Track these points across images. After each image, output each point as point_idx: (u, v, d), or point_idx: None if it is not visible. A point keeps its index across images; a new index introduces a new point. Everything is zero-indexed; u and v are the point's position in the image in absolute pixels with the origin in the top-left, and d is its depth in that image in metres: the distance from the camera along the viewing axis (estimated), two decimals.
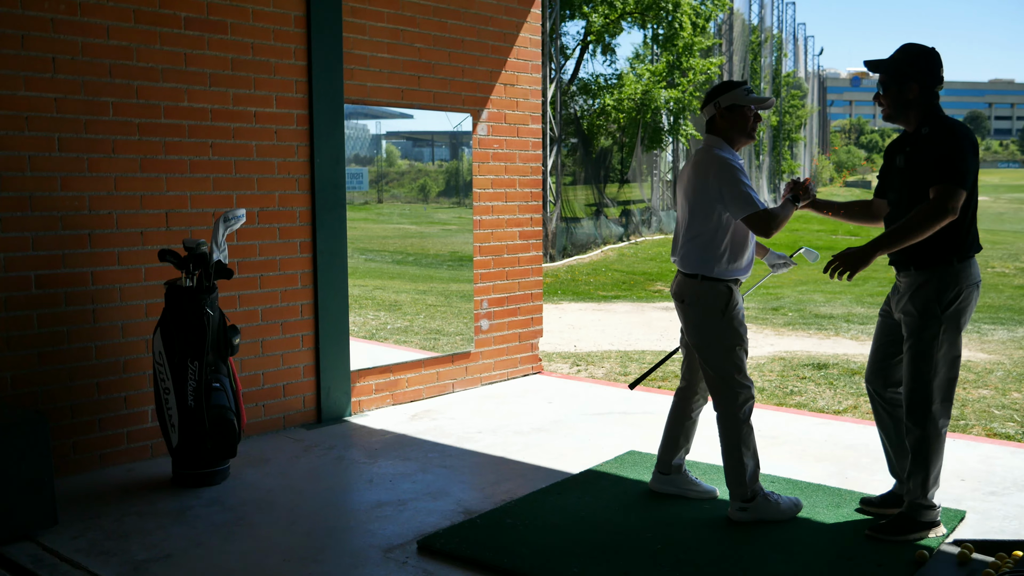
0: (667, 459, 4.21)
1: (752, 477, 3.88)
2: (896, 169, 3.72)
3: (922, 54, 3.59)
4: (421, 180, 7.96)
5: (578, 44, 27.06)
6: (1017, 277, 17.44)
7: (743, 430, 3.89)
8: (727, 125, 3.90)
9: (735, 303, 3.89)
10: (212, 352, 4.44)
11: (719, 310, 3.86)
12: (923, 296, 3.55)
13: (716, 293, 3.86)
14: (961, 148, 3.47)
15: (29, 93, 4.36)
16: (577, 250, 21.44)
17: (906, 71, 3.57)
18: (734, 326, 3.89)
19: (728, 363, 3.89)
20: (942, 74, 3.62)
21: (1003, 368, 8.00)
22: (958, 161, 3.45)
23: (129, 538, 3.81)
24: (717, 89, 3.96)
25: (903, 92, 3.59)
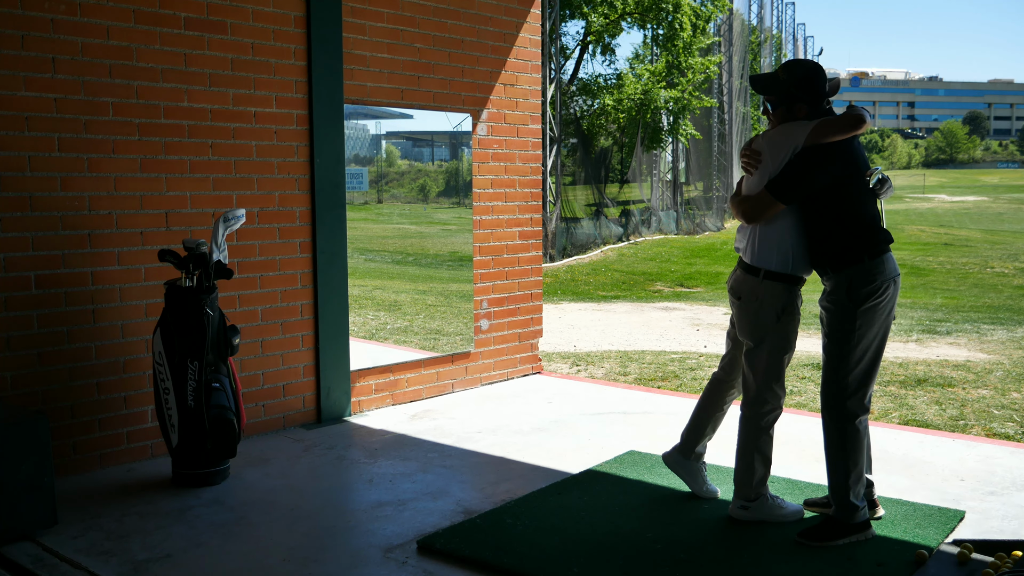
0: (691, 444, 4.14)
1: (760, 481, 3.86)
2: None
3: (807, 76, 3.67)
4: (421, 180, 7.97)
5: (578, 44, 27.09)
6: (1017, 277, 17.45)
7: (762, 437, 3.84)
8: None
9: (795, 309, 3.80)
10: (212, 352, 4.44)
11: (776, 312, 3.75)
12: (839, 293, 3.64)
13: (775, 292, 3.73)
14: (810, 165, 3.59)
15: (29, 93, 4.36)
16: (577, 250, 21.45)
17: (794, 93, 3.66)
18: (787, 331, 3.80)
19: (769, 368, 3.79)
20: (826, 89, 3.70)
21: (1003, 368, 8.01)
22: (794, 178, 3.60)
23: (129, 538, 3.81)
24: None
25: (792, 112, 3.68)
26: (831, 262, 3.67)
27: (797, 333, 3.87)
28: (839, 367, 3.65)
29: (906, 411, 6.33)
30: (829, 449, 3.69)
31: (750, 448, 3.84)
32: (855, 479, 3.66)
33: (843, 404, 3.65)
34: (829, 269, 3.68)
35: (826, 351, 3.71)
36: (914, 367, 8.03)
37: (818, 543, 3.63)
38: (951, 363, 8.26)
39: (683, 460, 4.17)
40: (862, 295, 3.60)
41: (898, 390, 7.04)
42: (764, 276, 3.73)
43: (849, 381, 3.64)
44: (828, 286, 3.73)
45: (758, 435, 3.83)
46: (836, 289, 3.66)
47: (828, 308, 3.70)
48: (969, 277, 18.20)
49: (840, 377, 3.65)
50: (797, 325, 3.85)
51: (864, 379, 3.66)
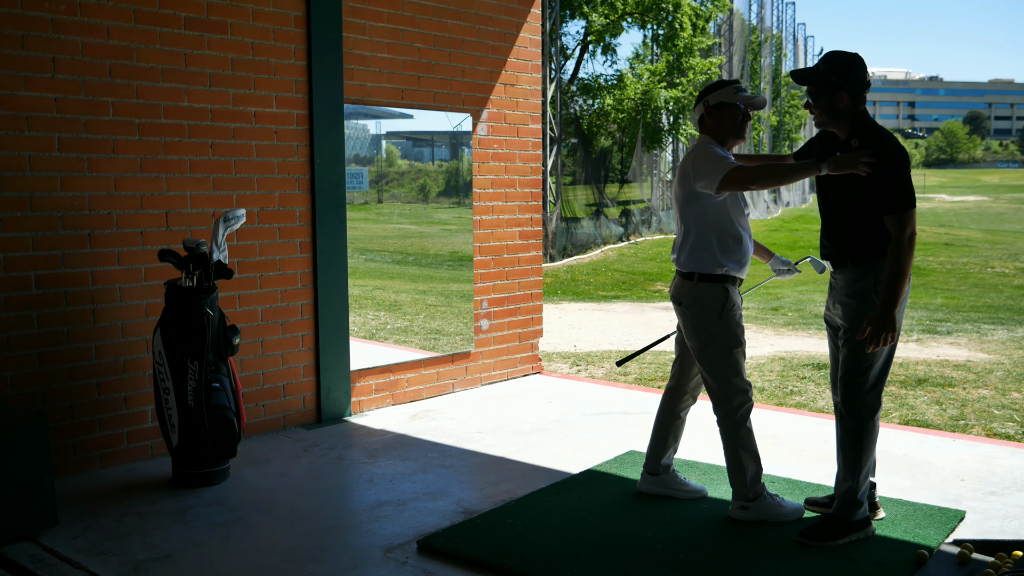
0: (656, 459, 4.20)
1: (754, 479, 3.87)
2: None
3: (849, 63, 3.64)
4: (421, 180, 7.96)
5: (578, 44, 27.08)
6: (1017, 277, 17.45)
7: (741, 432, 3.88)
8: (716, 124, 3.90)
9: (732, 303, 3.87)
10: (212, 352, 4.44)
11: (715, 311, 3.84)
12: (861, 288, 3.64)
13: (712, 293, 3.84)
14: (906, 170, 3.57)
15: (29, 93, 4.36)
16: (577, 250, 21.45)
17: (835, 82, 3.62)
18: (731, 327, 3.87)
19: (725, 366, 3.87)
20: (868, 79, 3.68)
21: (1003, 368, 8.01)
22: (908, 184, 3.54)
23: (129, 538, 3.81)
24: (707, 88, 3.96)
25: (833, 102, 3.64)
26: (854, 255, 3.65)
27: (743, 329, 3.93)
28: (862, 361, 3.64)
29: (906, 411, 6.33)
30: (846, 444, 3.69)
31: (734, 447, 3.88)
32: (865, 475, 3.68)
33: (864, 398, 3.66)
34: (850, 262, 3.66)
35: (847, 346, 3.68)
36: (914, 367, 8.03)
37: (819, 543, 3.63)
38: (951, 363, 8.26)
39: (654, 478, 4.20)
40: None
41: (898, 390, 7.04)
42: (699, 279, 3.85)
43: (870, 375, 3.65)
44: (846, 279, 3.69)
45: (736, 432, 3.87)
46: (857, 281, 3.64)
47: (847, 302, 3.67)
48: (969, 277, 18.19)
49: (863, 371, 3.65)
50: (739, 322, 3.90)
51: (883, 373, 3.68)
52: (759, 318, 11.54)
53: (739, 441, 3.87)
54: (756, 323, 11.08)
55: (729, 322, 3.85)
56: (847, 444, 3.69)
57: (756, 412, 5.91)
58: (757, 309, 12.51)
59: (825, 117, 3.67)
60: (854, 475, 3.67)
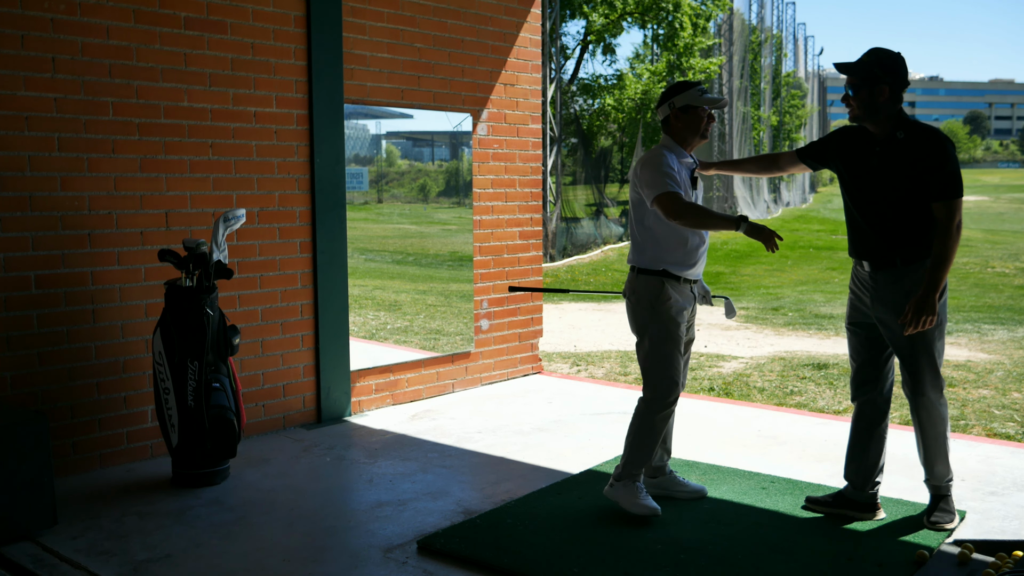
0: (655, 466, 4.23)
1: (633, 464, 3.95)
2: (871, 170, 3.73)
3: (892, 57, 3.65)
4: (421, 180, 7.96)
5: (578, 44, 27.07)
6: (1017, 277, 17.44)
7: (654, 421, 3.94)
8: (681, 126, 3.93)
9: (668, 298, 3.89)
10: (212, 352, 4.44)
11: (649, 302, 3.90)
12: (912, 285, 3.64)
13: (648, 285, 3.90)
14: (955, 159, 3.61)
15: (29, 93, 4.36)
16: (577, 250, 21.44)
17: (877, 74, 3.62)
18: (663, 321, 3.90)
19: (654, 358, 3.92)
20: (908, 78, 3.69)
21: (1003, 368, 8.00)
22: (958, 174, 3.58)
23: (129, 538, 3.81)
24: (671, 89, 3.98)
25: (874, 95, 3.63)
26: (904, 253, 3.66)
27: (681, 328, 3.94)
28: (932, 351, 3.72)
29: (906, 411, 6.32)
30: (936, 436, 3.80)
31: (639, 430, 3.96)
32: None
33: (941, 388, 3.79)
34: (900, 260, 3.67)
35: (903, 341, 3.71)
36: None
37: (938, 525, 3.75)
38: (952, 363, 8.26)
39: (653, 480, 4.23)
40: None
41: (898, 390, 7.02)
42: (638, 272, 3.94)
43: (937, 360, 3.76)
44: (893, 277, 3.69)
45: (651, 419, 3.94)
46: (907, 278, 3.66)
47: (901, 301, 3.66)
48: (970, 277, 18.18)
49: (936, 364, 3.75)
50: (677, 320, 3.91)
51: (942, 352, 3.79)
52: (759, 318, 11.54)
53: (647, 428, 3.94)
54: (756, 323, 11.08)
55: (662, 316, 3.89)
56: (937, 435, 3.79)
57: (756, 412, 5.93)
58: (757, 309, 12.52)
59: (863, 111, 3.66)
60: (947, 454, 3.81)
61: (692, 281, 3.97)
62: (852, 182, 3.81)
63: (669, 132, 3.99)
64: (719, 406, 6.15)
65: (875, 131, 3.70)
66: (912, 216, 3.65)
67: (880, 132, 3.69)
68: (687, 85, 3.96)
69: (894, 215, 3.67)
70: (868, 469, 3.93)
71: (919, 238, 3.65)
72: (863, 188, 3.76)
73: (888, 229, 3.69)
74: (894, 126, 3.66)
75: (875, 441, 3.94)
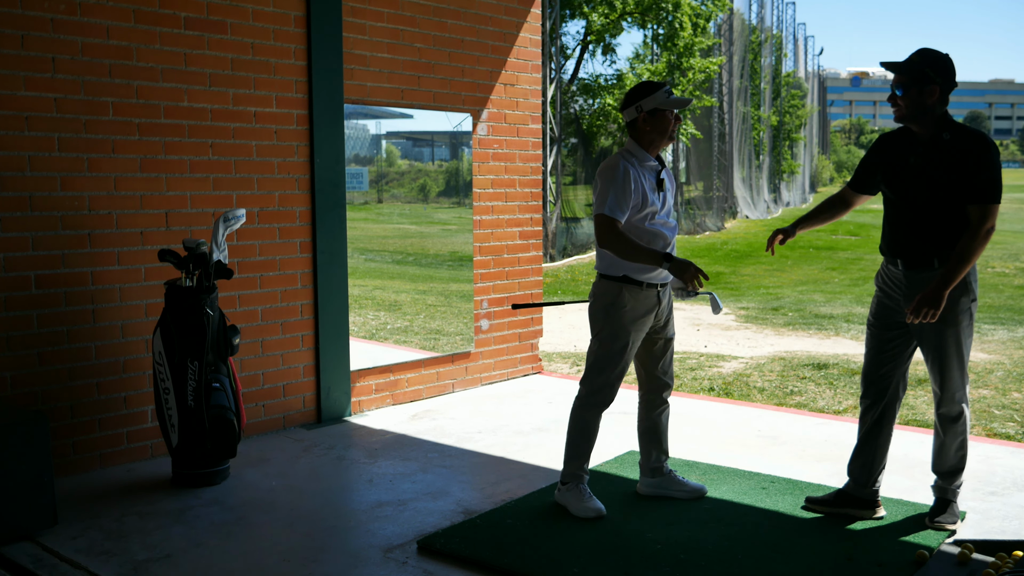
0: (646, 463, 4.25)
1: (572, 463, 4.02)
2: (909, 167, 3.71)
3: (943, 59, 3.63)
4: (421, 180, 7.97)
5: (578, 44, 27.06)
6: (1017, 277, 17.44)
7: (586, 418, 4.02)
8: (649, 129, 3.91)
9: (623, 304, 3.89)
10: (212, 352, 4.44)
11: (604, 307, 3.92)
12: (955, 289, 3.62)
13: (606, 290, 3.92)
14: (998, 165, 3.61)
15: (29, 93, 4.36)
16: (577, 250, 21.43)
17: (928, 75, 3.59)
18: (614, 327, 3.91)
19: (597, 358, 3.97)
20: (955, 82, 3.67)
21: (1003, 368, 8.00)
22: (998, 179, 3.59)
23: (129, 538, 3.81)
24: (637, 92, 3.93)
25: (923, 95, 3.61)
26: (943, 253, 3.64)
27: (634, 336, 3.94)
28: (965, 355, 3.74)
29: (906, 411, 6.32)
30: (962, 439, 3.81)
31: (573, 427, 4.04)
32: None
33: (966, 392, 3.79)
34: (937, 261, 3.66)
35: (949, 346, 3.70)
36: (914, 367, 8.01)
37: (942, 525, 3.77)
38: None
39: (652, 480, 4.24)
40: (973, 288, 3.71)
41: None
42: (599, 276, 3.99)
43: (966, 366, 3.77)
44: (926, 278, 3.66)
45: (581, 416, 4.02)
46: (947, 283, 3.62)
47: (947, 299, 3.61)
48: None
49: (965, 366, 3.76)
50: (629, 328, 3.91)
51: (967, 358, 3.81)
52: (759, 318, 11.54)
53: (577, 424, 4.02)
54: (756, 323, 11.08)
55: (615, 321, 3.91)
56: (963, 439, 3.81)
57: (756, 412, 5.93)
58: (757, 309, 12.51)
59: (911, 111, 3.64)
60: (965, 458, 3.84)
61: (657, 285, 3.94)
62: (893, 182, 3.78)
63: (635, 135, 3.94)
64: (719, 406, 6.15)
65: (920, 131, 3.68)
66: (950, 218, 3.62)
67: (925, 133, 3.67)
68: (653, 87, 3.90)
69: (933, 215, 3.65)
70: (873, 466, 3.94)
71: (956, 240, 3.62)
72: (903, 186, 3.74)
73: (926, 229, 3.67)
74: (940, 127, 3.64)
75: (883, 439, 3.95)
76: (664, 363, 4.15)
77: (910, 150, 3.70)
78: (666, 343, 4.12)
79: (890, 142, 3.83)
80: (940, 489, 3.88)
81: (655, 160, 3.97)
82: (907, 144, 3.73)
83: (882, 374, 3.91)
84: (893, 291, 3.82)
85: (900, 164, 3.75)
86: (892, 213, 3.81)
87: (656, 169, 3.96)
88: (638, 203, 3.85)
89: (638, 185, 3.85)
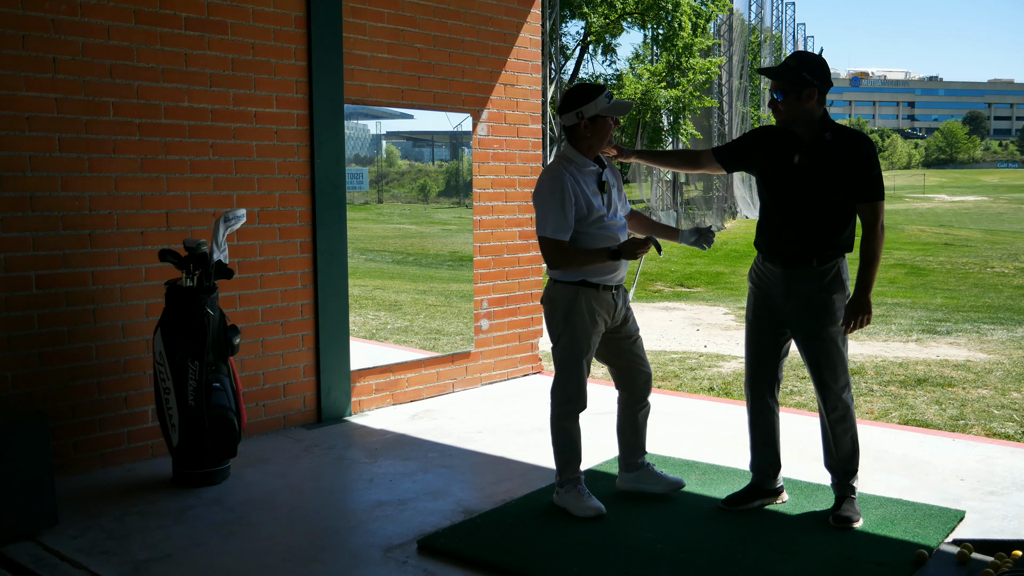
0: (627, 459, 4.27)
1: (563, 469, 4.04)
2: (793, 168, 3.76)
3: (818, 61, 3.74)
4: (421, 180, 7.98)
5: (578, 44, 27.07)
6: (1017, 277, 17.45)
7: (562, 426, 4.03)
8: (589, 135, 3.86)
9: (581, 308, 3.88)
10: (212, 352, 4.44)
11: (563, 312, 3.90)
12: (829, 284, 3.75)
13: (563, 294, 3.89)
14: (878, 163, 3.72)
15: (29, 93, 4.36)
16: None
17: (806, 78, 3.67)
18: (574, 332, 3.90)
19: (562, 365, 3.98)
20: (832, 80, 3.79)
21: (1003, 368, 8.01)
22: (881, 177, 3.70)
23: (130, 538, 3.81)
24: (577, 97, 3.87)
25: (802, 99, 3.68)
26: (821, 253, 3.75)
27: (594, 338, 3.95)
28: (844, 352, 3.81)
29: (906, 411, 6.33)
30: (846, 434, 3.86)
31: (554, 434, 4.05)
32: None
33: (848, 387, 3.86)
34: (816, 260, 3.75)
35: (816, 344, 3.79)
36: (914, 367, 8.03)
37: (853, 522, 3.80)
38: (951, 363, 8.26)
39: (630, 475, 4.26)
40: (848, 286, 3.81)
41: (898, 390, 7.04)
42: (553, 281, 3.95)
43: (846, 365, 3.85)
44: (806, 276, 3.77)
45: (556, 423, 4.04)
46: (823, 278, 3.75)
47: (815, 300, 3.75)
48: (969, 277, 18.20)
49: (843, 364, 3.83)
50: (589, 330, 3.92)
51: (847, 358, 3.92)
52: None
53: (558, 433, 4.04)
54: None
55: (574, 326, 3.89)
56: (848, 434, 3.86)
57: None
58: None
59: (792, 114, 3.72)
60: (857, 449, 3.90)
61: (613, 287, 3.94)
62: (775, 182, 3.85)
63: (574, 141, 3.89)
64: (719, 406, 6.15)
65: (802, 133, 3.75)
66: (829, 217, 3.73)
67: (807, 134, 3.74)
68: (593, 92, 3.83)
69: (813, 215, 3.74)
70: (775, 458, 4.07)
71: (834, 239, 3.75)
72: (786, 186, 3.81)
73: (806, 229, 3.76)
74: (821, 128, 3.72)
75: (776, 431, 4.06)
76: (634, 358, 4.12)
77: (794, 150, 3.77)
78: (632, 340, 4.10)
79: (773, 138, 3.88)
80: (839, 487, 3.92)
81: (594, 164, 3.91)
82: (790, 144, 3.79)
83: (763, 370, 3.99)
84: (770, 287, 3.89)
85: (783, 164, 3.80)
86: (772, 212, 3.88)
87: (596, 172, 3.90)
88: (583, 213, 3.82)
89: (578, 195, 3.81)
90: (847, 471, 3.90)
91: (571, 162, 3.88)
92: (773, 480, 4.07)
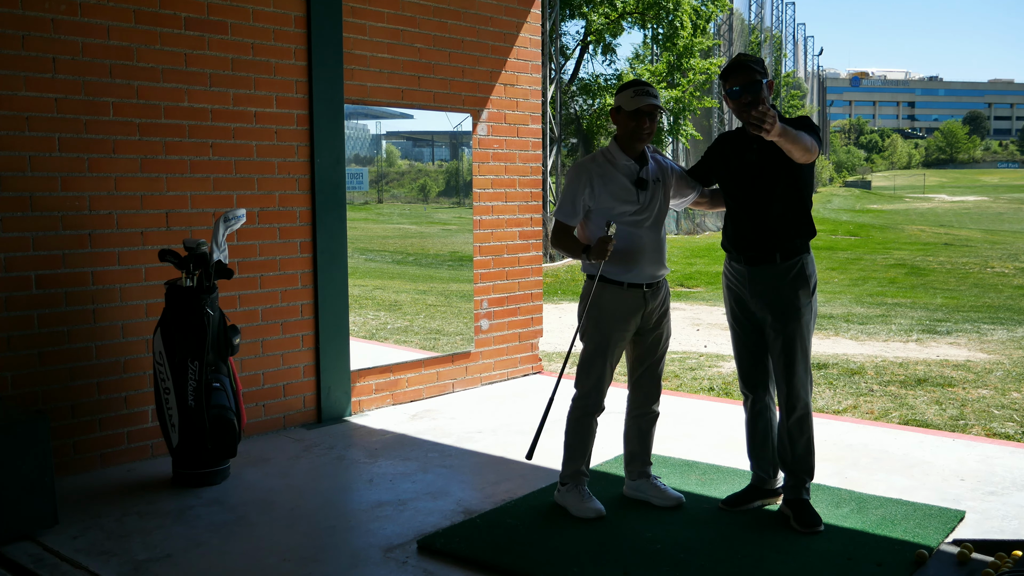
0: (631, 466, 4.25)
1: (569, 464, 4.05)
2: (748, 165, 3.81)
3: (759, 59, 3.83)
4: (421, 180, 7.97)
5: (578, 44, 27.06)
6: (1017, 277, 17.45)
7: (575, 421, 4.05)
8: (619, 127, 3.92)
9: (602, 304, 3.90)
10: (212, 352, 4.44)
11: (586, 305, 3.94)
12: (795, 278, 3.78)
13: (587, 289, 3.94)
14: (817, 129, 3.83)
15: (30, 93, 4.36)
16: None
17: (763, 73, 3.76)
18: (597, 327, 3.93)
19: (584, 359, 4.00)
20: None
21: (1003, 368, 8.01)
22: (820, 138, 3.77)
23: (129, 538, 3.81)
24: (619, 89, 3.96)
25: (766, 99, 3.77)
26: (785, 248, 3.78)
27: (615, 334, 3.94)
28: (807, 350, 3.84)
29: (906, 411, 6.33)
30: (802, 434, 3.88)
31: (567, 429, 4.08)
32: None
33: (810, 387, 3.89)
34: (780, 256, 3.78)
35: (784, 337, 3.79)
36: (914, 367, 8.03)
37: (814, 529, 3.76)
38: (951, 363, 8.26)
39: (633, 483, 4.24)
40: (813, 282, 3.84)
41: (898, 390, 7.04)
42: (587, 277, 3.99)
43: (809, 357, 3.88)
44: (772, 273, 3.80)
45: (571, 418, 4.06)
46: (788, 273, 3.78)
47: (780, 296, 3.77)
48: (969, 277, 18.20)
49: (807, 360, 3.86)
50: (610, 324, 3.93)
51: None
52: None
53: (576, 428, 4.05)
54: None
55: (594, 321, 3.93)
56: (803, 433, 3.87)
57: None
58: None
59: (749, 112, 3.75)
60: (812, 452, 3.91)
61: (643, 285, 3.91)
62: (733, 180, 3.91)
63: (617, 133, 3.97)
64: (719, 406, 6.15)
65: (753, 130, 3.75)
66: (788, 211, 3.77)
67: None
68: (625, 85, 3.89)
69: (772, 209, 3.78)
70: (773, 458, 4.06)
71: (794, 235, 3.78)
72: (743, 183, 3.85)
73: (767, 224, 3.79)
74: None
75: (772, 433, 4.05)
76: (652, 366, 4.09)
77: (747, 148, 3.82)
78: (656, 344, 4.05)
79: (729, 141, 3.96)
80: (793, 489, 3.91)
81: (631, 160, 3.90)
82: (744, 143, 3.84)
83: (755, 371, 4.00)
84: (739, 287, 3.92)
85: (739, 162, 3.86)
86: (734, 211, 3.92)
87: (631, 168, 3.89)
88: (607, 204, 3.84)
89: (595, 186, 3.85)
90: (805, 470, 3.90)
91: (609, 153, 3.93)
92: (772, 480, 4.08)
